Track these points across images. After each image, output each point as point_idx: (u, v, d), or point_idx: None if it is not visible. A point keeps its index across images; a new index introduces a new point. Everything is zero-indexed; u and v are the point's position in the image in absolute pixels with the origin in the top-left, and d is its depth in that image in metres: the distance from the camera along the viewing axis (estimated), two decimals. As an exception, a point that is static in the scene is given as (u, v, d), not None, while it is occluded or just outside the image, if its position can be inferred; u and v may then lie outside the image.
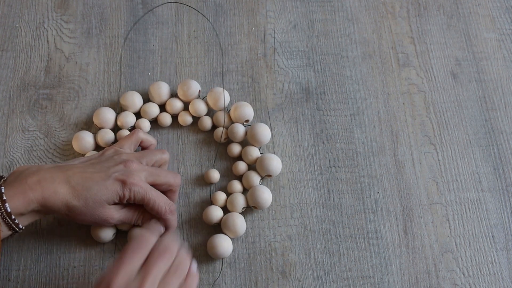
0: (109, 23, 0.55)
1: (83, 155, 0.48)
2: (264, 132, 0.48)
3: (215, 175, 0.48)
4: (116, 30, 0.55)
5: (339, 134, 0.51)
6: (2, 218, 0.37)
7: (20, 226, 0.38)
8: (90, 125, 0.50)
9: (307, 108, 0.52)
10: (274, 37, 0.55)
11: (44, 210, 0.39)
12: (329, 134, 0.51)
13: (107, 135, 0.48)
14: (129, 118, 0.49)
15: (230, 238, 0.45)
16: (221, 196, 0.47)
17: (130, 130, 0.49)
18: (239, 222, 0.45)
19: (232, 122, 0.50)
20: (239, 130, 0.49)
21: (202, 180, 0.49)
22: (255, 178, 0.47)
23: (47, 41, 0.54)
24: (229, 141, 0.50)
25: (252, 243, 0.47)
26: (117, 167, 0.41)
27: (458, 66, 0.55)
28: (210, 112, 0.51)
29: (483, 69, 0.55)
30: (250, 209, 0.48)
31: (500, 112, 0.53)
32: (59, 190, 0.38)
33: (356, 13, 0.57)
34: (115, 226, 0.45)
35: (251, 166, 0.49)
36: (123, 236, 0.46)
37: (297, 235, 0.47)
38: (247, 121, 0.50)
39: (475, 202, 0.49)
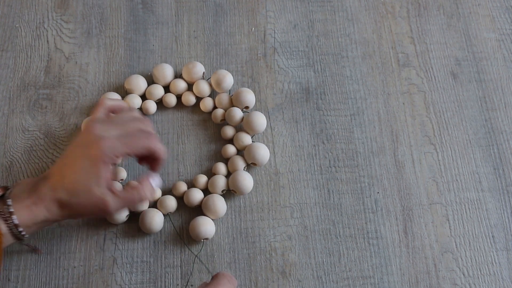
0: (109, 23, 0.55)
1: None
2: (260, 120, 0.48)
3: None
4: (116, 30, 0.55)
5: (339, 134, 0.51)
6: (10, 229, 0.37)
7: (27, 236, 0.39)
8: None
9: (307, 108, 0.52)
10: (274, 37, 0.55)
11: (49, 223, 0.40)
12: (329, 134, 0.51)
13: None
14: (136, 100, 0.50)
15: (212, 219, 0.46)
16: (202, 179, 0.48)
17: None
18: (220, 203, 0.46)
19: (232, 105, 0.50)
20: (237, 114, 0.49)
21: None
22: (240, 164, 0.48)
23: (47, 41, 0.54)
24: (225, 123, 0.50)
25: (252, 243, 0.47)
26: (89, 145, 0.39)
27: (458, 66, 0.55)
28: (213, 94, 0.52)
29: (483, 69, 0.55)
30: (249, 206, 0.48)
31: (500, 112, 0.53)
32: (48, 193, 0.38)
33: (356, 13, 0.57)
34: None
35: (240, 152, 0.49)
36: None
37: (297, 235, 0.47)
38: (246, 107, 0.50)
39: (475, 202, 0.49)
